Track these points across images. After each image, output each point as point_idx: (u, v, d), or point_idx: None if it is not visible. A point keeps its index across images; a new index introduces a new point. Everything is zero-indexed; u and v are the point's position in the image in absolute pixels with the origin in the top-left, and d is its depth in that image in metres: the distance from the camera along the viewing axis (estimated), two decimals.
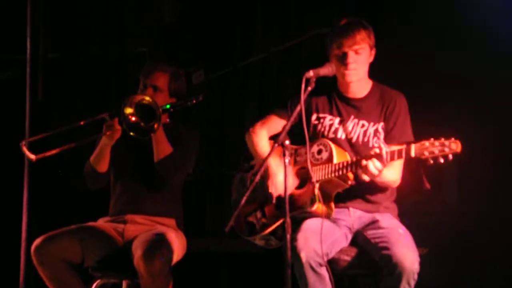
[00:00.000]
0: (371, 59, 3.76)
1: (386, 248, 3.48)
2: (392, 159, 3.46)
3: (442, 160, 3.31)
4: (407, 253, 3.43)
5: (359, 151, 3.72)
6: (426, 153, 3.34)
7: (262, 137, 3.87)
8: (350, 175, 3.61)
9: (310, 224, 3.59)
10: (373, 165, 3.45)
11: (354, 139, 3.75)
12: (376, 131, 3.74)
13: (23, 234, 4.64)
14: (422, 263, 3.54)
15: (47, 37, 5.01)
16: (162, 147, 3.91)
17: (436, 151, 3.31)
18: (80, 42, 5.58)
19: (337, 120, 3.79)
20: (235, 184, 3.98)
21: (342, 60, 3.68)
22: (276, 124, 3.86)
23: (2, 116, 5.39)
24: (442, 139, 3.32)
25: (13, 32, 5.24)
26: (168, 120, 4.14)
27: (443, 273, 4.66)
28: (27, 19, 4.85)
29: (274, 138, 3.80)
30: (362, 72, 3.74)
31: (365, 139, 3.74)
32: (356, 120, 3.77)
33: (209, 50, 5.39)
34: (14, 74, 5.42)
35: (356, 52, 3.67)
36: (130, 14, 5.55)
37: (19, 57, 5.11)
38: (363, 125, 3.76)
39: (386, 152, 3.44)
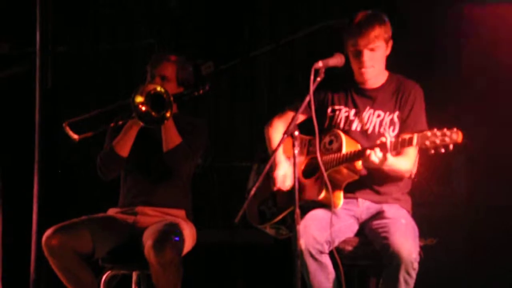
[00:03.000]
0: (387, 51, 3.75)
1: (386, 238, 3.49)
2: (395, 148, 3.46)
3: (443, 150, 3.31)
4: (404, 243, 3.43)
5: (375, 141, 3.68)
6: (428, 143, 3.34)
7: (277, 131, 3.89)
8: (359, 165, 3.63)
9: (313, 213, 3.62)
10: (374, 154, 3.46)
11: (370, 130, 3.75)
12: (391, 120, 3.75)
13: (34, 226, 4.65)
14: (430, 254, 3.54)
15: (56, 30, 5.02)
16: (171, 137, 3.93)
17: (438, 141, 3.31)
18: (88, 35, 5.58)
19: (352, 112, 3.80)
20: (252, 173, 4.02)
21: (358, 57, 3.68)
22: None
23: (12, 109, 5.41)
24: (444, 129, 3.32)
25: (23, 25, 5.25)
26: (177, 110, 4.14)
27: (452, 264, 4.67)
28: (36, 12, 4.85)
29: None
30: (378, 68, 3.74)
31: (381, 130, 3.74)
32: (371, 111, 3.77)
33: (218, 41, 5.38)
34: (24, 67, 5.43)
35: (372, 50, 3.67)
36: (138, 5, 5.55)
37: (28, 51, 5.11)
38: (378, 115, 3.76)
39: (390, 142, 3.45)
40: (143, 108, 3.85)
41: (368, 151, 3.48)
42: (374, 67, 3.71)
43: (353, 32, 3.67)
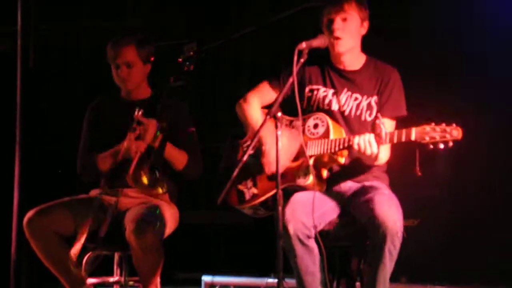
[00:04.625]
0: (362, 31, 3.74)
1: (371, 209, 3.46)
2: (391, 141, 3.43)
3: (442, 146, 3.29)
4: (389, 212, 3.42)
5: (352, 124, 3.71)
6: (427, 138, 3.31)
7: (253, 106, 3.85)
8: (345, 152, 3.61)
9: (299, 197, 3.59)
10: (367, 144, 3.43)
11: (346, 112, 3.73)
12: (369, 104, 3.73)
13: (15, 207, 4.63)
14: (413, 235, 3.55)
15: (38, 9, 4.96)
16: (176, 160, 3.95)
17: (437, 137, 3.28)
18: (71, 15, 5.54)
19: (330, 91, 3.77)
20: (225, 151, 3.97)
21: (329, 27, 3.67)
22: (269, 93, 3.83)
23: None
24: (444, 125, 3.29)
25: (4, 4, 5.20)
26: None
27: (434, 245, 4.70)
28: None
29: (267, 108, 3.79)
30: (351, 41, 3.71)
31: (358, 113, 3.73)
32: (349, 93, 3.75)
33: (202, 22, 5.36)
34: (5, 47, 5.38)
35: (343, 20, 3.66)
36: None
37: (9, 30, 5.07)
38: (356, 98, 3.74)
39: (386, 133, 3.42)
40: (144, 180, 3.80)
41: (359, 139, 3.44)
42: (344, 39, 3.67)
43: (327, 3, 3.69)
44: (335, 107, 3.75)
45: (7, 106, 4.91)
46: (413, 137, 3.35)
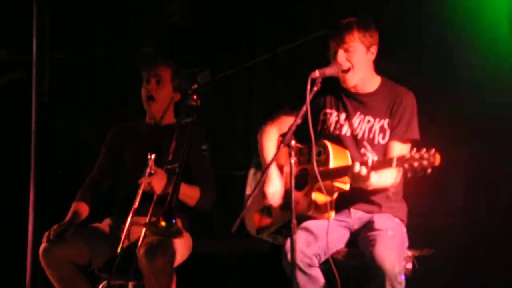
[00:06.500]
0: (370, 56, 3.70)
1: (371, 251, 3.46)
2: (374, 168, 3.40)
3: (421, 173, 3.25)
4: (388, 256, 3.41)
5: (365, 147, 3.69)
6: (406, 166, 3.29)
7: (271, 137, 3.87)
8: (346, 179, 3.58)
9: (304, 227, 3.61)
10: (359, 170, 3.41)
11: (359, 136, 3.72)
12: (382, 127, 3.71)
13: (30, 235, 4.65)
14: (427, 264, 3.53)
15: (53, 38, 5.02)
16: (189, 197, 3.94)
17: (416, 164, 3.25)
18: (85, 43, 5.58)
19: (343, 116, 3.76)
20: (249, 179, 4.01)
21: (334, 59, 3.66)
22: (287, 123, 3.83)
23: (8, 117, 5.40)
24: (423, 151, 3.26)
25: (19, 32, 5.25)
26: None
27: (448, 274, 4.66)
28: (33, 19, 4.85)
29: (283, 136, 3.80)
30: (358, 73, 3.68)
31: (371, 136, 3.71)
32: (362, 116, 3.74)
33: (215, 50, 5.39)
34: (20, 75, 5.43)
35: (346, 51, 3.64)
36: (136, 14, 5.55)
37: (25, 58, 5.11)
38: (368, 121, 3.73)
39: (372, 161, 3.41)
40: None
41: (355, 167, 3.42)
42: (354, 72, 3.67)
43: (332, 35, 3.68)
44: (347, 132, 3.74)
45: (22, 134, 4.93)
46: (394, 165, 3.34)
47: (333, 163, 3.60)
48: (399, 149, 3.63)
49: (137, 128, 4.19)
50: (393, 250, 3.46)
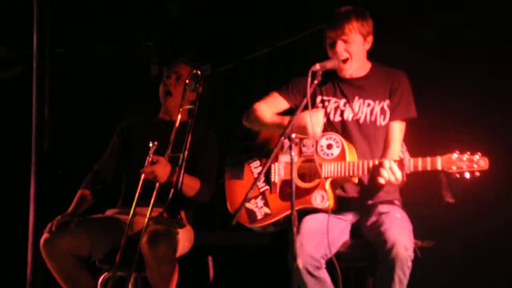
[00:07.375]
0: (367, 46, 3.75)
1: (382, 233, 3.44)
2: (415, 168, 3.41)
3: (468, 176, 3.26)
4: (401, 239, 3.39)
5: (367, 131, 3.73)
6: (454, 168, 3.29)
7: (267, 111, 3.84)
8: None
9: (307, 226, 3.58)
10: (391, 172, 3.41)
11: (362, 120, 3.75)
12: (382, 109, 3.75)
13: (31, 227, 4.66)
14: (428, 256, 3.53)
15: (54, 33, 5.02)
16: (189, 188, 3.95)
17: (464, 167, 3.26)
18: (86, 37, 5.59)
19: (342, 101, 3.78)
20: (228, 164, 3.92)
21: (333, 49, 3.68)
22: (278, 102, 3.85)
23: (9, 111, 5.41)
24: (468, 154, 3.27)
25: (20, 27, 5.26)
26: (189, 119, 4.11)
27: (448, 266, 4.66)
28: (33, 15, 4.85)
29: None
30: (356, 63, 3.73)
31: (372, 118, 3.75)
32: (361, 100, 3.77)
33: (215, 44, 5.39)
34: (20, 70, 5.43)
35: (345, 42, 3.67)
36: (136, 9, 5.56)
37: (25, 53, 5.12)
38: (369, 104, 3.76)
39: (409, 160, 3.41)
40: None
41: (385, 166, 3.41)
42: (352, 61, 3.70)
43: (330, 25, 3.69)
44: (348, 116, 3.75)
45: (23, 128, 4.94)
46: (439, 166, 3.34)
47: (349, 157, 3.58)
48: (399, 128, 3.71)
49: (151, 122, 4.24)
50: (405, 233, 3.46)
